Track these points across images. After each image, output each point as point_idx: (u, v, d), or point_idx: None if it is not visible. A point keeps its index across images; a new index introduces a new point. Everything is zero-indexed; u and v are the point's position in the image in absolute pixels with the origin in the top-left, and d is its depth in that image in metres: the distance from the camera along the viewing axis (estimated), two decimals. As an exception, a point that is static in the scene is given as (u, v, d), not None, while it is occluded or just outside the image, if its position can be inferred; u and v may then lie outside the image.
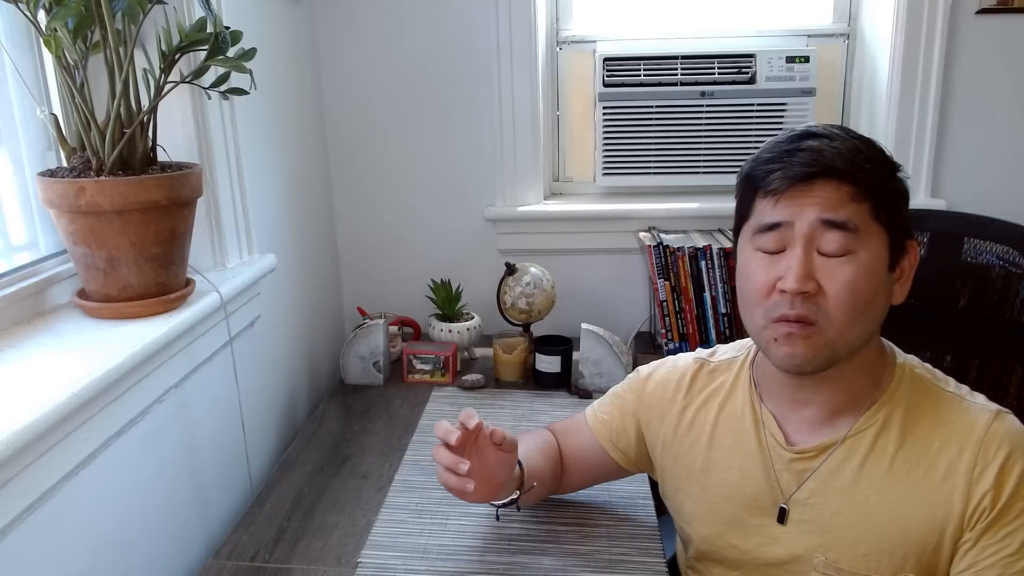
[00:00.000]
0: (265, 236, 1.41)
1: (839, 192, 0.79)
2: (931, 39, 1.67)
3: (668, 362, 1.04)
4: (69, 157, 1.02)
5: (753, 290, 0.83)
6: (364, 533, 1.10)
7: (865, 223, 0.79)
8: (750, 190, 0.85)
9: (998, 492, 0.77)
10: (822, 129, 0.82)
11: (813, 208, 0.79)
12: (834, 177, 0.79)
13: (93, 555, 0.92)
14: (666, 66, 1.77)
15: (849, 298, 0.79)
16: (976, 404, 0.83)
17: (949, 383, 0.87)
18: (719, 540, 0.95)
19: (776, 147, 0.83)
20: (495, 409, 1.48)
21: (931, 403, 0.84)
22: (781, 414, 0.91)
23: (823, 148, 0.80)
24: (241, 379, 1.29)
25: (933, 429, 0.82)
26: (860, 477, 0.84)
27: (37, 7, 0.95)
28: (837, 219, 0.78)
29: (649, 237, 1.69)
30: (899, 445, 0.83)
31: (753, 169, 0.84)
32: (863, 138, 0.83)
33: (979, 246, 1.15)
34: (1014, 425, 0.81)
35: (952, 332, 1.16)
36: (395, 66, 1.77)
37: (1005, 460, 0.78)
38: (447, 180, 1.84)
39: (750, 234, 0.85)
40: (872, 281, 0.80)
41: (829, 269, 0.79)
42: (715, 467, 0.94)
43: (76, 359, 0.89)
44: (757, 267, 0.83)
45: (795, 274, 0.79)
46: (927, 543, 0.80)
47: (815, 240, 0.79)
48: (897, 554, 0.82)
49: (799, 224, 0.80)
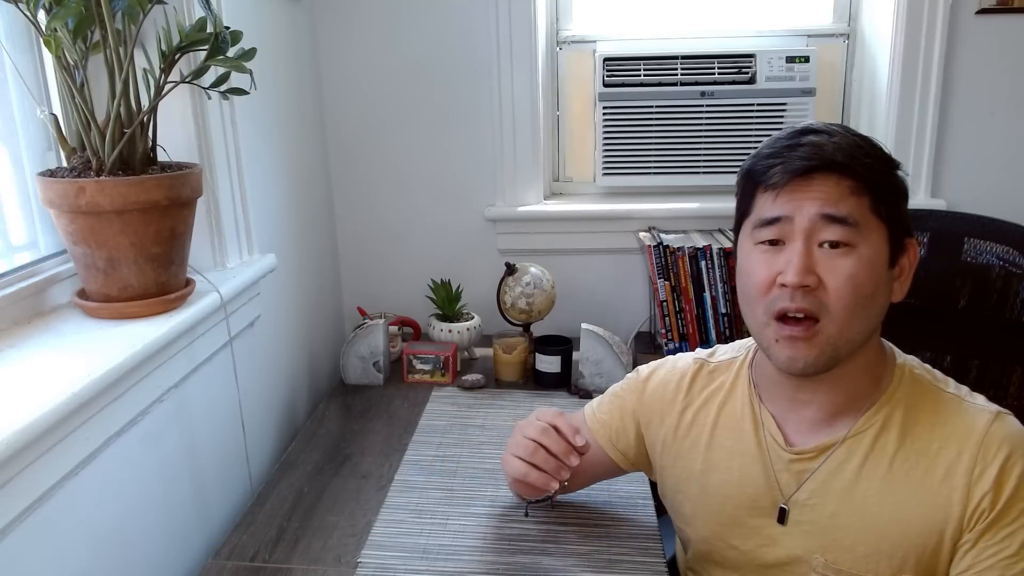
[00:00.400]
0: (265, 236, 1.41)
1: (839, 186, 0.79)
2: (931, 39, 1.67)
3: (668, 362, 1.03)
4: (69, 157, 1.02)
5: (754, 285, 0.83)
6: (364, 533, 1.10)
7: (865, 217, 0.79)
8: (751, 186, 0.85)
9: (997, 493, 0.77)
10: (822, 126, 0.83)
11: (813, 202, 0.79)
12: (834, 171, 0.79)
13: (93, 555, 0.92)
14: (666, 66, 1.77)
15: (850, 291, 0.79)
16: (976, 405, 0.83)
17: (949, 384, 0.87)
18: (719, 541, 0.94)
19: (776, 143, 0.83)
20: (495, 409, 1.48)
21: (931, 404, 0.84)
22: (780, 415, 0.91)
23: (823, 143, 0.80)
24: (241, 379, 1.29)
25: (933, 430, 0.82)
26: (859, 478, 0.84)
27: (37, 7, 0.95)
28: (837, 213, 0.79)
29: (649, 237, 1.69)
30: (898, 446, 0.83)
31: (753, 164, 0.85)
32: (863, 136, 0.83)
33: (979, 246, 1.15)
34: (1014, 426, 0.81)
35: (952, 332, 1.16)
36: (395, 66, 1.77)
37: (1004, 461, 0.78)
38: (447, 180, 1.84)
39: (750, 229, 0.85)
40: (873, 275, 0.80)
41: (830, 263, 0.79)
42: (715, 468, 0.94)
43: (76, 359, 0.89)
44: (758, 262, 0.83)
45: (796, 267, 0.79)
46: (926, 544, 0.80)
47: (815, 234, 0.79)
48: (896, 555, 0.82)
49: (799, 218, 0.80)
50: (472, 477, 1.24)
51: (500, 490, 1.19)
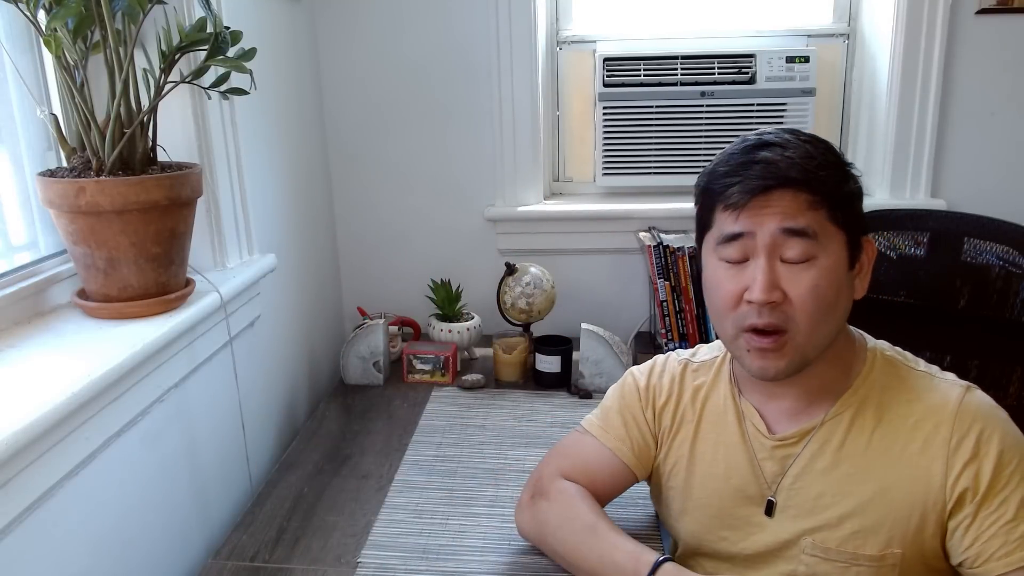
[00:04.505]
0: (265, 236, 1.41)
1: (796, 201, 0.81)
2: (931, 39, 1.66)
3: (657, 364, 1.04)
4: (69, 157, 1.02)
5: (721, 300, 0.86)
6: (364, 533, 1.10)
7: (823, 228, 0.82)
8: (709, 202, 0.87)
9: (981, 464, 0.80)
10: (775, 137, 0.84)
11: (773, 218, 0.81)
12: (790, 187, 0.81)
13: (93, 555, 0.92)
14: (666, 66, 1.77)
15: (814, 302, 0.81)
16: (946, 380, 0.87)
17: (920, 363, 0.90)
18: (709, 535, 0.96)
19: (731, 159, 0.85)
20: (495, 409, 1.48)
21: (904, 382, 0.87)
22: (760, 405, 0.93)
23: (777, 159, 0.82)
24: (241, 379, 1.29)
25: (908, 406, 0.85)
26: (841, 458, 0.86)
27: (37, 7, 0.95)
28: (797, 227, 0.81)
29: (649, 237, 1.69)
30: (876, 424, 0.86)
31: (710, 183, 0.87)
32: (814, 140, 0.85)
33: (979, 246, 1.15)
34: (984, 398, 0.85)
35: (952, 332, 1.16)
36: (395, 66, 1.77)
37: (981, 432, 0.81)
38: (447, 180, 1.84)
39: (713, 244, 0.87)
40: (834, 283, 0.82)
41: (793, 276, 0.82)
42: (700, 461, 0.96)
43: (76, 359, 0.89)
44: (723, 277, 0.86)
45: (760, 285, 0.81)
46: (910, 518, 0.83)
47: (777, 249, 0.82)
48: (882, 531, 0.84)
49: (760, 235, 0.82)
50: (472, 477, 1.24)
51: (500, 490, 1.19)
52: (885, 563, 0.84)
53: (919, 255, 0.83)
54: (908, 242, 1.20)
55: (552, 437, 1.34)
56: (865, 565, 0.84)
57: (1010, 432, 0.82)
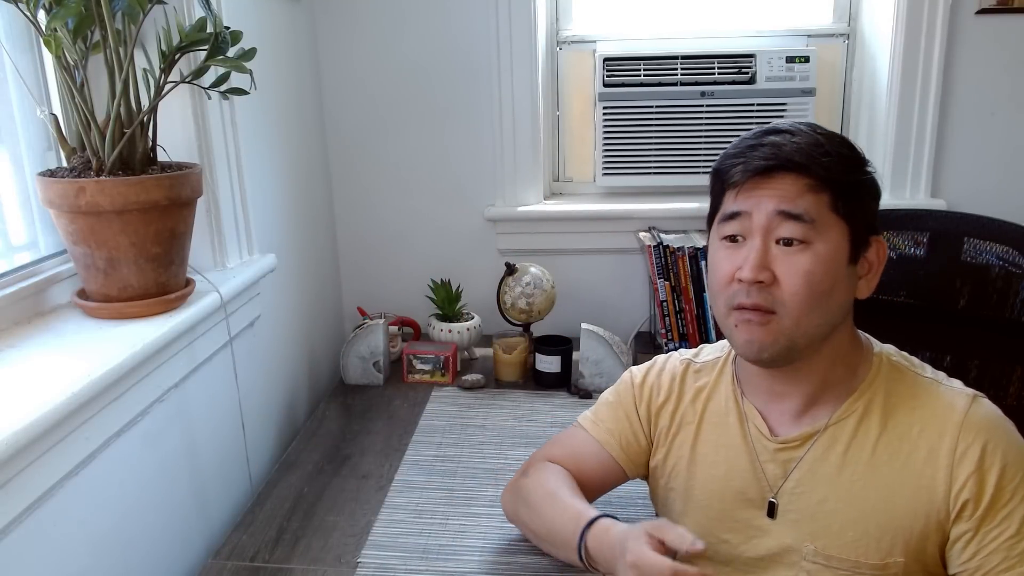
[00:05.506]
0: (265, 236, 1.41)
1: (796, 184, 0.81)
2: (931, 39, 1.66)
3: (657, 363, 1.04)
4: (69, 157, 1.02)
5: (716, 279, 0.87)
6: (364, 533, 1.10)
7: (822, 215, 0.81)
8: (719, 186, 0.88)
9: (984, 476, 0.79)
10: (788, 126, 0.85)
11: (771, 199, 0.82)
12: (791, 170, 0.81)
13: (93, 555, 0.92)
14: (666, 66, 1.77)
15: (804, 287, 0.81)
16: (953, 388, 0.85)
17: (926, 369, 0.89)
18: (709, 537, 0.95)
19: (742, 143, 0.86)
20: (495, 409, 1.48)
21: (910, 388, 0.86)
22: (763, 407, 0.92)
23: (783, 143, 0.82)
24: (241, 379, 1.29)
25: (913, 414, 0.84)
26: (844, 464, 0.86)
27: (37, 7, 0.95)
28: (793, 210, 0.81)
29: (649, 237, 1.69)
30: (881, 430, 0.85)
31: (720, 164, 0.88)
32: (829, 134, 0.85)
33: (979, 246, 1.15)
34: (991, 409, 0.83)
35: (952, 332, 1.16)
36: (395, 66, 1.77)
37: (986, 443, 0.80)
38: (447, 180, 1.84)
39: (717, 224, 0.88)
40: (830, 272, 0.82)
41: (786, 259, 0.81)
42: (701, 463, 0.95)
43: (76, 359, 0.89)
44: (721, 257, 0.86)
45: (751, 264, 0.81)
46: (913, 526, 0.82)
47: (772, 231, 0.82)
48: (885, 539, 0.83)
49: (757, 215, 0.82)
50: (472, 477, 1.24)
51: (500, 490, 1.19)
52: (887, 571, 0.83)
53: (919, 255, 0.83)
54: (908, 242, 1.19)
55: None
56: (867, 573, 0.84)
57: (1016, 444, 0.81)
